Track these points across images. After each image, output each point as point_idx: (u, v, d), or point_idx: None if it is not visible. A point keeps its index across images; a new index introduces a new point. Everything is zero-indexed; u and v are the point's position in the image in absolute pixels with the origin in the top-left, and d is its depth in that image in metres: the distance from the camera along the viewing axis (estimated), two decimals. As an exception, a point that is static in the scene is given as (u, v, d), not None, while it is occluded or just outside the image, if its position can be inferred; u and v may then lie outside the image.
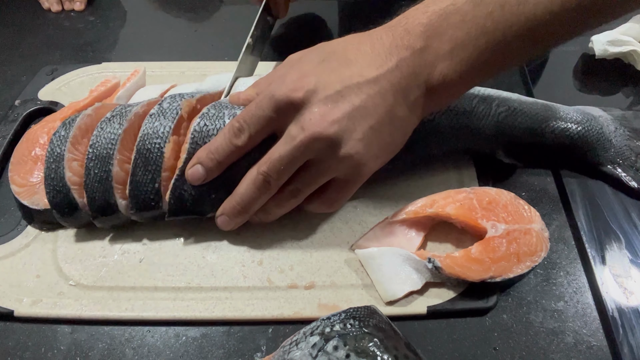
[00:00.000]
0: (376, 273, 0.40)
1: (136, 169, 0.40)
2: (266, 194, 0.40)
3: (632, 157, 0.48)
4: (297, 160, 0.38)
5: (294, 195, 0.40)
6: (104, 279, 0.41)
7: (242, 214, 0.41)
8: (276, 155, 0.38)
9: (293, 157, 0.37)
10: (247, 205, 0.40)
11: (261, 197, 0.40)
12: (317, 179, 0.39)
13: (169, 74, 0.59)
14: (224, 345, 0.38)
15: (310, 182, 0.39)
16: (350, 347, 0.29)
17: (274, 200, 0.41)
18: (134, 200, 0.41)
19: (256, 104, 0.39)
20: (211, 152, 0.39)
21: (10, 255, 0.43)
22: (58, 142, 0.42)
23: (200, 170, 0.40)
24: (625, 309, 0.39)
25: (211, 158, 0.39)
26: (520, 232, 0.40)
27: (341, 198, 0.42)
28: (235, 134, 0.39)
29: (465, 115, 0.45)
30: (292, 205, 0.41)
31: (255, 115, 0.38)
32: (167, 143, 0.40)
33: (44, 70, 0.59)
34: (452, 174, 0.48)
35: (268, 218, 0.42)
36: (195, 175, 0.40)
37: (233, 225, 0.42)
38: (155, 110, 0.42)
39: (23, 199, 0.43)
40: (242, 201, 0.40)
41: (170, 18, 0.71)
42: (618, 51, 0.59)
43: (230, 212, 0.41)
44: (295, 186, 0.40)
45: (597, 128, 0.48)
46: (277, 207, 0.41)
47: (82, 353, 0.37)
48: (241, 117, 0.39)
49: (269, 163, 0.38)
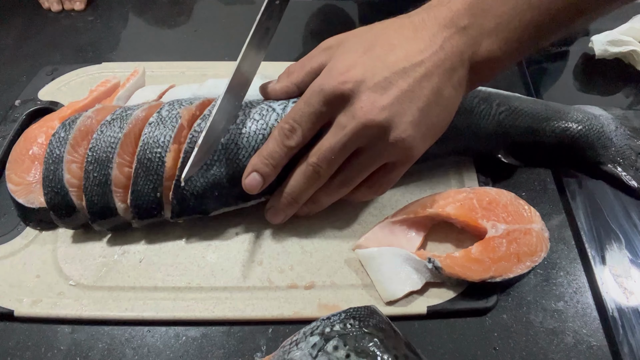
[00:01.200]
0: (376, 273, 0.40)
1: (137, 178, 0.40)
2: (316, 184, 0.40)
3: (632, 156, 0.48)
4: (347, 149, 0.38)
5: (345, 184, 0.40)
6: (104, 279, 0.41)
7: (292, 206, 0.41)
8: (327, 146, 0.38)
9: (344, 146, 0.37)
10: (297, 196, 0.41)
11: (311, 187, 0.40)
12: (369, 166, 0.39)
13: (169, 74, 0.59)
14: (224, 345, 0.38)
15: (361, 170, 0.39)
16: (350, 347, 0.29)
17: (323, 190, 0.41)
18: (135, 209, 0.41)
19: (304, 101, 0.38)
20: (265, 157, 0.39)
21: (10, 255, 0.43)
22: (57, 144, 0.42)
23: (257, 178, 0.39)
24: (625, 309, 0.39)
25: (266, 163, 0.39)
26: (520, 232, 0.40)
27: (389, 182, 0.41)
28: (287, 136, 0.39)
29: (466, 115, 0.45)
30: (342, 194, 0.41)
31: (305, 112, 0.38)
32: (168, 152, 0.40)
33: (44, 70, 0.59)
34: (452, 174, 0.48)
35: (317, 208, 0.43)
36: (253, 183, 0.39)
37: (283, 218, 0.42)
38: (154, 119, 0.42)
39: (19, 197, 0.43)
40: (292, 192, 0.40)
41: (170, 18, 0.71)
42: (618, 51, 0.59)
43: (280, 204, 0.41)
44: (346, 175, 0.40)
45: (598, 127, 0.48)
46: (327, 197, 0.41)
47: (82, 353, 0.37)
48: (290, 117, 0.39)
49: (320, 154, 0.38)
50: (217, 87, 0.48)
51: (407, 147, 0.38)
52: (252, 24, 0.40)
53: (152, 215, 0.41)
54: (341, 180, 0.40)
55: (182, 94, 0.48)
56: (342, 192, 0.41)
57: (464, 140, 0.47)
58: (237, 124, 0.41)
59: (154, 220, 0.42)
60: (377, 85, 0.36)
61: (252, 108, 0.42)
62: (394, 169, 0.40)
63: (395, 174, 0.40)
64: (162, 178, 0.40)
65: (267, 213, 0.43)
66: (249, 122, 0.41)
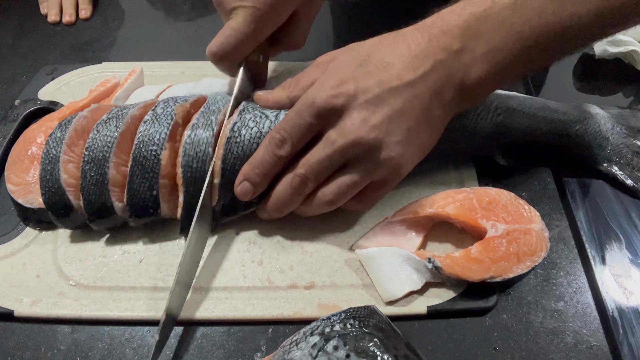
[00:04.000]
0: (376, 273, 0.40)
1: (133, 176, 0.40)
2: (302, 194, 0.40)
3: (628, 155, 0.48)
4: (335, 163, 0.38)
5: (333, 202, 0.40)
6: (104, 279, 0.41)
7: (278, 213, 0.42)
8: (315, 158, 0.38)
9: (332, 160, 0.38)
10: (282, 205, 0.41)
11: (296, 197, 0.40)
12: (358, 184, 0.39)
13: (169, 74, 0.59)
14: (224, 345, 0.38)
15: (350, 187, 0.39)
16: (350, 347, 0.29)
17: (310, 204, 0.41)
18: (132, 208, 0.41)
19: (295, 112, 0.39)
20: (255, 166, 0.40)
21: (10, 255, 0.43)
22: (54, 144, 0.42)
23: (248, 186, 0.40)
24: (625, 309, 0.39)
25: (257, 173, 0.40)
26: (520, 232, 0.40)
27: (377, 198, 0.42)
28: (278, 145, 0.39)
29: (464, 116, 0.45)
30: (329, 209, 0.41)
31: (296, 124, 0.38)
32: (163, 150, 0.40)
33: (44, 70, 0.59)
34: (452, 174, 0.48)
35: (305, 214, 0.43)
36: (244, 191, 0.40)
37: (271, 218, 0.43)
38: (149, 117, 0.42)
39: (18, 197, 0.43)
40: (278, 201, 0.41)
41: (170, 18, 0.71)
42: (618, 51, 0.59)
43: (267, 210, 0.42)
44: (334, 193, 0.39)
45: (595, 126, 0.48)
46: (312, 211, 0.42)
47: (82, 353, 0.37)
48: (281, 128, 0.39)
49: (307, 166, 0.38)
50: (213, 85, 0.49)
51: (395, 166, 0.38)
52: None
53: (148, 214, 0.41)
54: (328, 199, 0.40)
55: (178, 93, 0.48)
56: (329, 209, 0.41)
57: (462, 142, 0.46)
58: (233, 131, 0.41)
59: (150, 219, 0.42)
60: (369, 102, 0.37)
61: (246, 114, 0.42)
62: (383, 186, 0.40)
63: (383, 191, 0.41)
64: (158, 176, 0.40)
65: (257, 211, 0.43)
66: (243, 129, 0.41)
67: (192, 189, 0.40)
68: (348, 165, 0.39)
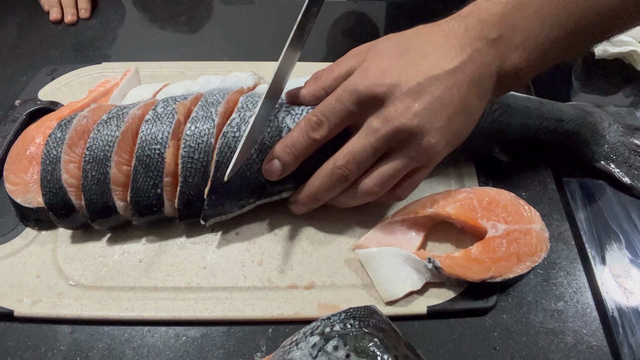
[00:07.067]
0: (376, 273, 0.40)
1: (137, 175, 0.40)
2: (341, 186, 0.40)
3: (625, 153, 0.48)
4: (378, 152, 0.38)
5: (376, 194, 0.40)
6: (104, 279, 0.41)
7: (314, 204, 0.42)
8: (357, 148, 0.38)
9: (375, 148, 0.38)
10: (321, 196, 0.41)
11: (335, 189, 0.40)
12: (400, 171, 0.39)
13: (168, 74, 0.59)
14: (224, 345, 0.38)
15: (393, 175, 0.39)
16: (350, 347, 0.29)
17: (350, 194, 0.41)
18: (136, 207, 0.41)
19: (336, 97, 0.39)
20: (288, 146, 0.39)
21: (10, 255, 0.43)
22: (54, 144, 0.42)
23: (277, 165, 0.40)
24: (625, 309, 0.39)
25: (288, 152, 0.39)
26: (521, 232, 0.40)
27: (413, 186, 0.42)
28: (313, 128, 0.39)
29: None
30: (370, 200, 0.41)
31: (335, 108, 0.38)
32: (167, 148, 0.40)
33: (44, 70, 0.59)
34: (452, 174, 0.48)
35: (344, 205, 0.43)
36: (273, 169, 0.40)
37: (305, 211, 0.43)
38: (150, 116, 0.42)
39: (16, 197, 0.43)
40: (316, 193, 0.41)
41: (170, 18, 0.71)
42: (618, 51, 0.59)
43: (302, 201, 0.42)
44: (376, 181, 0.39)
45: (592, 124, 0.48)
46: (352, 201, 0.41)
47: (82, 353, 0.37)
48: (319, 111, 0.39)
49: (349, 156, 0.38)
50: (209, 83, 0.48)
51: (434, 153, 0.38)
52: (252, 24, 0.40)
53: (152, 212, 0.41)
54: (371, 189, 0.39)
55: (175, 91, 0.48)
56: (372, 199, 0.41)
57: None
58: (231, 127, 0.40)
59: (153, 217, 0.42)
60: (411, 91, 0.37)
61: (246, 112, 0.42)
62: (417, 173, 0.40)
63: (419, 177, 0.41)
64: (162, 174, 0.40)
65: (290, 205, 0.43)
66: (243, 126, 0.41)
67: (191, 180, 0.40)
68: (389, 153, 0.39)
